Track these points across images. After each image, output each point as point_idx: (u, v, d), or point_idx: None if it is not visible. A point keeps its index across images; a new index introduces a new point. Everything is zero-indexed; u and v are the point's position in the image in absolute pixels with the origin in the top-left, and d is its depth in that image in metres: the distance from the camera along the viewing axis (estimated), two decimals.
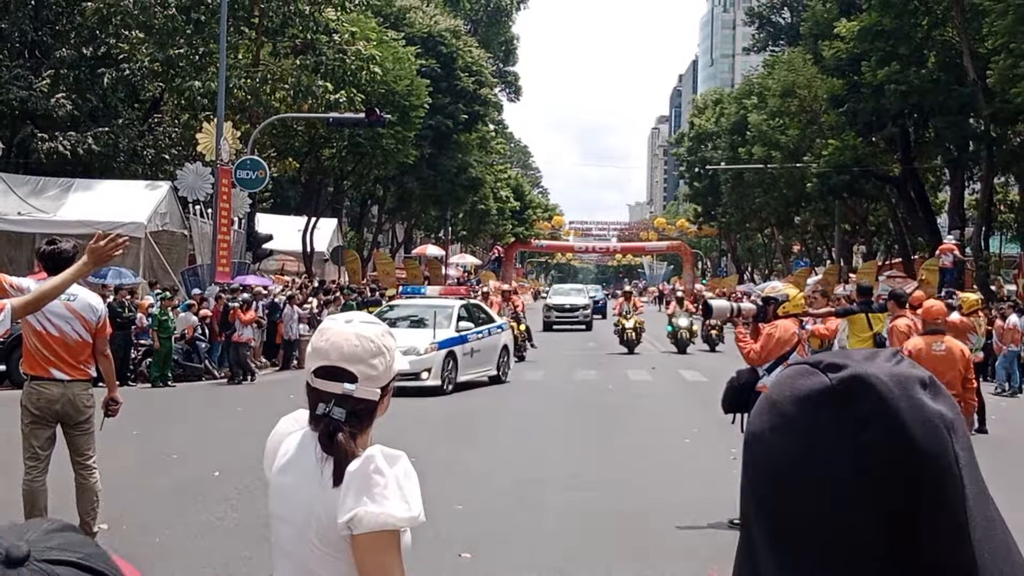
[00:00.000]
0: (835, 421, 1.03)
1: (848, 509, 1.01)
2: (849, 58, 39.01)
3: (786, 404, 1.06)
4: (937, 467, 1.01)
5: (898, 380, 1.03)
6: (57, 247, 7.32)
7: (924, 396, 1.03)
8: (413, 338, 19.47)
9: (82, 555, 1.04)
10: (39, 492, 7.41)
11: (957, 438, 1.03)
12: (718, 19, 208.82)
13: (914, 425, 1.01)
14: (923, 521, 1.01)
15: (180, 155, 33.96)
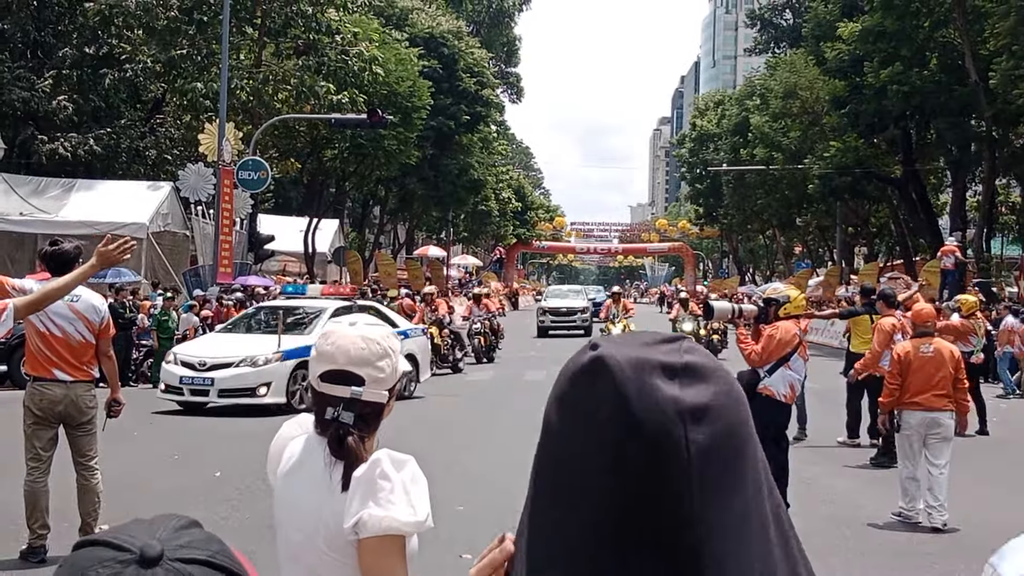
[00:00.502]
0: (584, 398, 1.08)
1: (591, 486, 1.05)
2: (851, 59, 39.03)
3: (561, 380, 1.12)
4: (660, 450, 1.04)
5: (636, 364, 1.07)
6: (59, 248, 7.34)
7: (661, 381, 1.05)
8: (254, 346, 16.87)
9: (210, 552, 1.06)
10: (41, 493, 7.41)
11: (699, 427, 1.04)
12: (720, 20, 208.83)
13: (639, 409, 1.04)
14: (651, 502, 1.04)
15: (182, 156, 34.00)
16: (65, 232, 18.21)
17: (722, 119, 69.29)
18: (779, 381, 9.14)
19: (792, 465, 9.48)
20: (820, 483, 11.26)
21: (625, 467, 1.04)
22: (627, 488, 1.04)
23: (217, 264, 27.04)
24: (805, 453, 12.60)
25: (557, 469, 1.08)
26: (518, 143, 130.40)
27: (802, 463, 10.94)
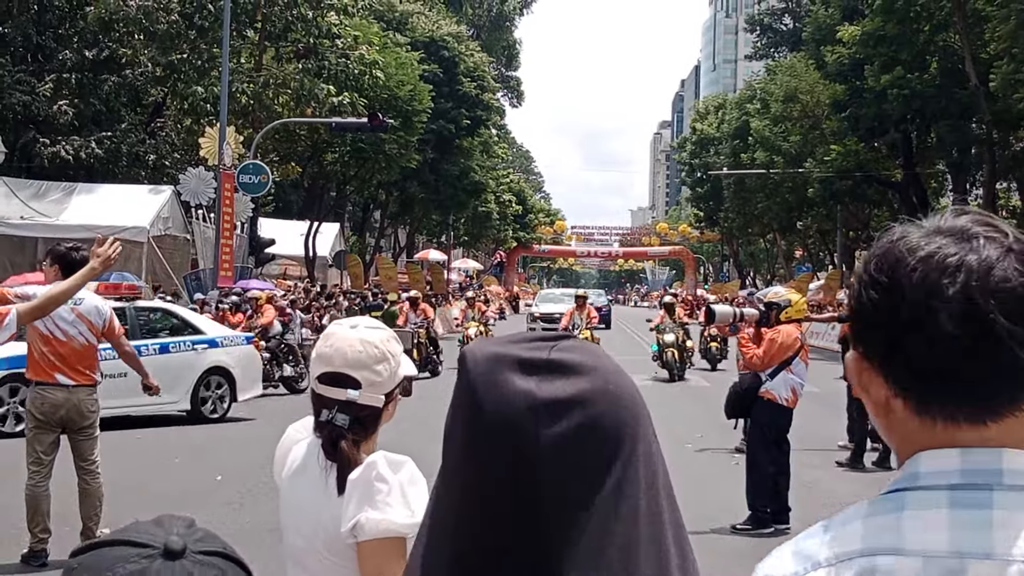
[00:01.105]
0: (454, 391, 1.14)
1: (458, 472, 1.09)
2: (851, 63, 39.07)
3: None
4: (508, 443, 1.06)
5: (491, 359, 1.10)
6: (79, 252, 7.34)
7: (516, 376, 1.07)
8: None
9: (222, 545, 1.11)
10: (42, 497, 7.41)
11: (555, 421, 1.05)
12: (720, 24, 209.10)
13: (486, 401, 1.08)
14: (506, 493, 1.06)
15: (183, 160, 34.01)
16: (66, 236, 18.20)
17: (722, 123, 69.35)
18: (780, 385, 9.17)
19: (793, 468, 9.50)
20: (821, 487, 11.27)
21: (477, 457, 1.07)
22: (482, 478, 1.06)
23: (218, 268, 27.03)
24: (806, 456, 12.60)
25: (443, 452, 1.13)
26: (518, 147, 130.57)
27: (803, 466, 10.95)
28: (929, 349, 1.17)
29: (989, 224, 1.24)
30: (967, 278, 1.17)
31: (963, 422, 1.19)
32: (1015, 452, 1.19)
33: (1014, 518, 1.15)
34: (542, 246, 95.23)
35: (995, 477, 1.18)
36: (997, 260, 1.18)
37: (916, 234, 1.27)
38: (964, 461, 1.19)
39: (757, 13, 72.50)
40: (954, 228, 1.23)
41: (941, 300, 1.17)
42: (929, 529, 1.16)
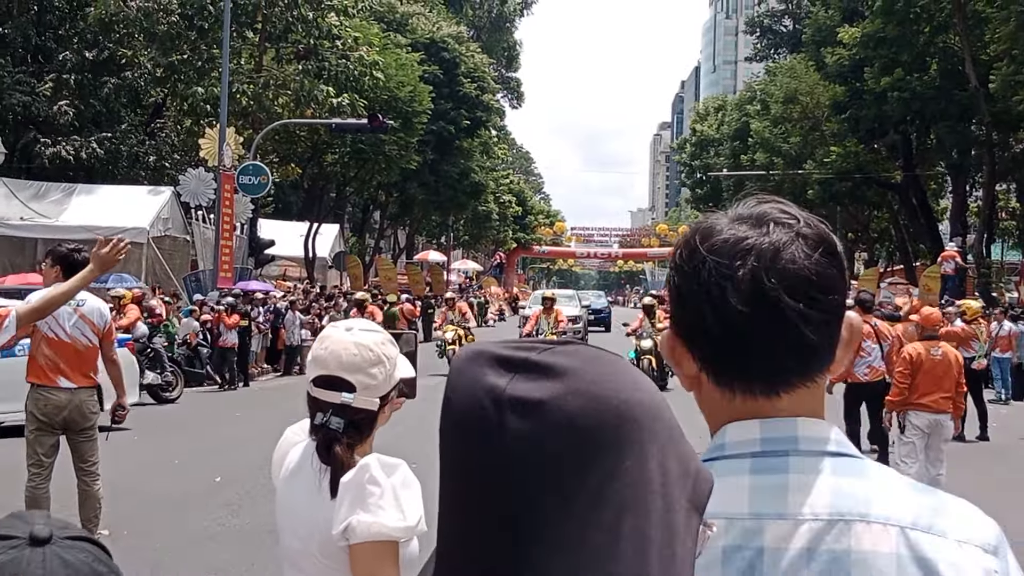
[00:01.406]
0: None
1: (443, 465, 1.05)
2: (851, 65, 39.09)
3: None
4: (471, 434, 1.04)
5: (471, 353, 1.08)
6: (81, 254, 7.31)
7: (490, 371, 1.05)
8: None
9: (87, 532, 1.12)
10: (42, 499, 7.40)
11: (524, 419, 1.03)
12: (720, 26, 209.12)
13: (456, 393, 1.06)
14: (478, 486, 1.03)
15: (183, 160, 34.03)
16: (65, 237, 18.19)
17: (722, 124, 69.36)
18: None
19: None
20: None
21: (449, 449, 1.06)
22: (455, 470, 1.05)
23: (217, 269, 27.05)
24: None
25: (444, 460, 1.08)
26: (518, 148, 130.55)
27: None
28: (723, 327, 1.27)
29: (784, 211, 1.34)
30: (756, 260, 1.27)
31: (759, 394, 1.30)
32: (809, 421, 1.29)
33: (807, 481, 1.26)
34: (542, 247, 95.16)
35: (791, 444, 1.28)
36: (785, 244, 1.28)
37: (720, 221, 1.33)
38: (763, 430, 1.29)
39: (757, 15, 72.50)
40: (752, 215, 1.33)
41: (732, 281, 1.26)
42: (732, 494, 1.26)
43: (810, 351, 1.28)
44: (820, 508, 1.24)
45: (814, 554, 1.23)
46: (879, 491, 1.26)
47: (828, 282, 1.28)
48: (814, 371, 1.30)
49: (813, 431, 1.29)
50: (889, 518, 1.23)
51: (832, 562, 1.22)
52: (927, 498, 1.27)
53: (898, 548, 1.22)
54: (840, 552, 1.22)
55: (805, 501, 1.25)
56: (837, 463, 1.28)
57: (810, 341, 1.27)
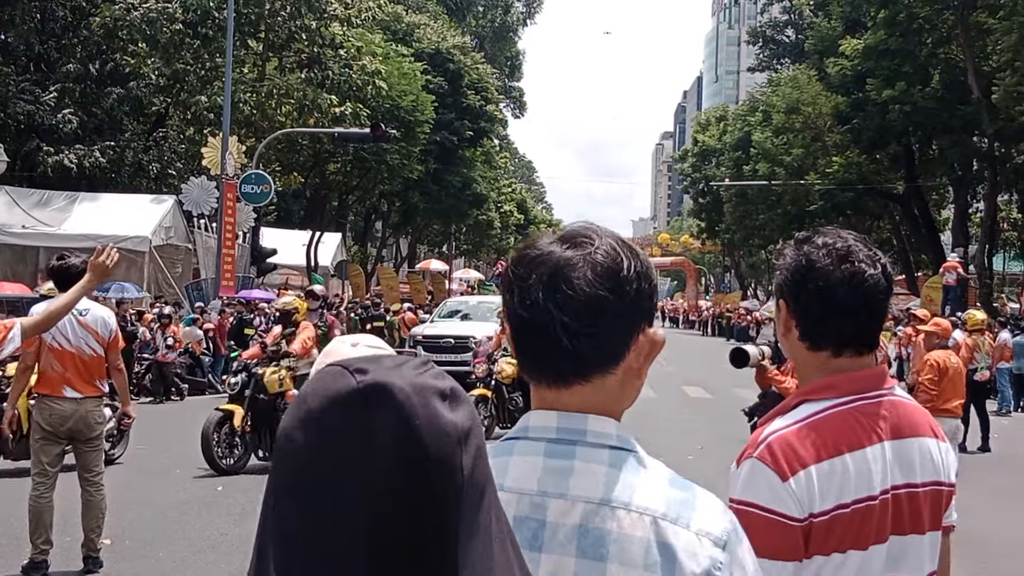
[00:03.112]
0: (358, 422, 1.07)
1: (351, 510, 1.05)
2: (854, 75, 39.09)
3: (315, 400, 1.09)
4: (443, 475, 1.08)
5: (418, 389, 1.09)
6: (66, 263, 7.35)
7: (441, 407, 1.10)
8: None
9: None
10: (46, 508, 7.39)
11: (467, 449, 1.10)
12: (723, 36, 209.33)
13: (427, 435, 1.07)
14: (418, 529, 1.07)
15: (185, 169, 34.05)
16: (68, 245, 18.22)
17: (724, 134, 69.41)
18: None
19: None
20: None
21: (404, 491, 1.06)
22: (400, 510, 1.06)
23: (219, 277, 27.07)
24: None
25: (314, 488, 1.07)
26: (520, 157, 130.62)
27: None
28: (517, 331, 1.53)
29: (588, 232, 1.57)
30: (540, 275, 1.50)
31: (547, 388, 1.54)
32: (599, 418, 1.52)
33: (588, 468, 1.48)
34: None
35: (580, 435, 1.51)
36: (570, 263, 1.50)
37: (543, 240, 1.57)
38: (559, 421, 1.52)
39: (759, 25, 72.52)
40: (567, 234, 1.57)
41: (521, 292, 1.51)
42: (527, 471, 1.50)
43: (577, 358, 1.49)
44: (594, 493, 1.47)
45: (585, 530, 1.46)
46: (643, 483, 1.49)
47: (599, 304, 1.48)
48: (591, 374, 1.51)
49: (600, 427, 1.52)
50: (647, 508, 1.46)
51: (597, 538, 1.45)
52: (681, 492, 1.50)
53: (649, 534, 1.45)
54: (604, 531, 1.45)
55: (583, 485, 1.48)
56: (615, 456, 1.51)
57: (573, 349, 1.48)
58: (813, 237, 2.26)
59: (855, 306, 2.16)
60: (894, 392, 2.21)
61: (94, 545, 7.54)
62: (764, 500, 2.04)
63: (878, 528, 2.08)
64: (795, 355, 2.26)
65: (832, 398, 2.15)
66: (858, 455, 2.09)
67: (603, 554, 1.45)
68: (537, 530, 1.47)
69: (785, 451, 2.07)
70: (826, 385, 2.17)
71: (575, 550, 1.45)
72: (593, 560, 1.45)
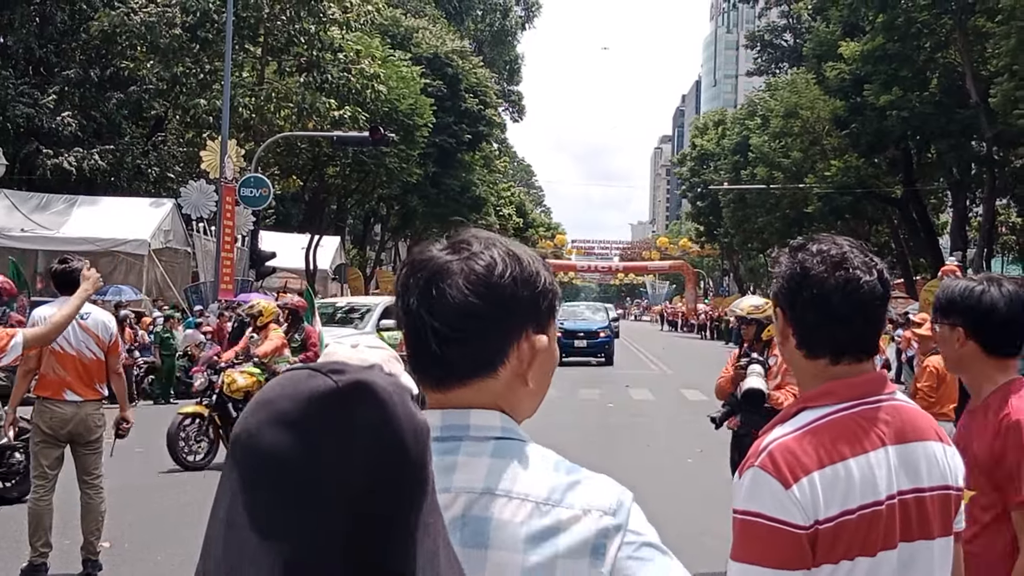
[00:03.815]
0: (338, 421, 1.08)
1: (328, 509, 1.07)
2: (852, 79, 39.12)
3: (285, 402, 1.10)
4: (417, 471, 1.13)
5: (397, 389, 1.14)
6: (68, 267, 7.37)
7: (414, 407, 1.15)
8: None
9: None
10: (45, 511, 7.40)
11: (429, 449, 1.17)
12: (721, 40, 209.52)
13: (408, 432, 1.11)
14: (388, 524, 1.10)
15: (184, 173, 34.05)
16: (67, 248, 18.22)
17: (723, 138, 69.45)
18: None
19: None
20: None
21: (383, 490, 1.09)
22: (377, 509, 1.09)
23: (218, 281, 27.06)
24: None
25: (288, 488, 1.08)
26: (519, 160, 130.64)
27: None
28: (405, 334, 1.57)
29: (472, 239, 1.59)
30: (417, 279, 1.54)
31: (430, 388, 1.57)
32: (482, 412, 1.54)
33: (471, 462, 1.51)
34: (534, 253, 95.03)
35: (464, 431, 1.53)
36: (445, 268, 1.53)
37: (434, 245, 1.60)
38: (443, 419, 1.54)
39: (757, 29, 72.59)
40: (451, 240, 1.60)
41: (401, 296, 1.56)
42: None
43: (448, 364, 1.52)
44: (475, 483, 1.49)
45: (465, 520, 1.48)
46: (526, 471, 1.50)
47: (468, 310, 1.50)
48: (467, 378, 1.54)
49: (483, 420, 1.54)
50: (528, 494, 1.48)
51: (477, 527, 1.47)
52: (566, 476, 1.52)
53: (530, 518, 1.46)
54: (484, 519, 1.47)
55: (465, 477, 1.50)
56: (500, 446, 1.52)
57: (441, 354, 1.52)
58: (808, 244, 2.27)
59: (850, 313, 2.16)
60: (895, 397, 2.22)
61: (93, 548, 7.55)
62: (768, 509, 2.04)
63: (886, 534, 2.08)
64: (794, 363, 2.27)
65: (832, 404, 2.15)
66: (861, 460, 2.09)
67: (483, 542, 1.46)
68: None
69: (787, 458, 2.07)
70: (826, 391, 2.17)
71: (457, 541, 1.44)
72: (474, 548, 1.46)
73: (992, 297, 3.05)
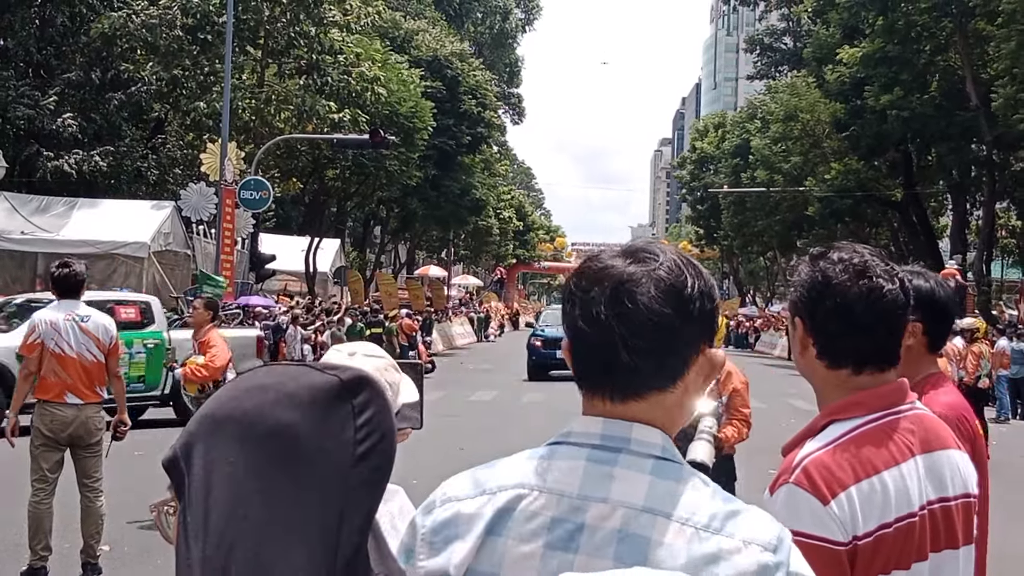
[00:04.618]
0: (343, 406, 1.24)
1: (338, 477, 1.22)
2: (852, 82, 39.13)
3: (291, 385, 1.25)
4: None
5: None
6: (71, 270, 7.37)
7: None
8: None
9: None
10: (45, 514, 7.39)
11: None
12: (721, 43, 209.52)
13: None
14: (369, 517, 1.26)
15: (184, 175, 34.04)
16: (67, 251, 18.23)
17: (723, 141, 69.47)
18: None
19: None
20: None
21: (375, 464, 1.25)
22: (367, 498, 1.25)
23: None
24: None
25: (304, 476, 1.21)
26: (519, 163, 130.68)
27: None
28: (575, 343, 1.55)
29: (652, 248, 1.57)
30: (603, 288, 1.50)
31: (601, 399, 1.54)
32: (643, 427, 1.51)
33: (629, 475, 1.48)
34: (542, 263, 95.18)
35: (624, 443, 1.50)
36: (633, 278, 1.50)
37: (605, 254, 1.58)
38: (604, 428, 1.52)
39: (757, 33, 72.60)
40: (630, 249, 1.57)
41: (583, 305, 1.52)
42: (568, 474, 1.50)
43: (635, 374, 1.50)
44: (635, 500, 1.47)
45: (624, 535, 1.45)
46: (687, 495, 1.48)
47: (661, 321, 1.48)
48: (647, 391, 1.52)
49: (645, 436, 1.51)
50: (688, 519, 1.45)
51: (636, 545, 1.44)
52: (727, 506, 1.49)
53: (690, 543, 1.44)
54: (644, 538, 1.45)
55: (624, 491, 1.47)
56: (660, 465, 1.50)
57: (632, 364, 1.48)
58: (828, 252, 2.23)
59: (873, 322, 2.13)
60: (916, 405, 2.20)
61: (93, 552, 7.54)
62: (807, 527, 2.00)
63: (919, 546, 2.07)
64: (814, 374, 2.23)
65: (860, 416, 2.13)
66: (895, 472, 2.07)
67: (640, 561, 1.43)
68: (574, 532, 1.47)
69: (823, 474, 2.04)
70: (853, 403, 2.14)
71: (612, 554, 1.45)
72: (630, 566, 1.42)
73: (945, 293, 3.06)
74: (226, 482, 1.20)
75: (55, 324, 7.47)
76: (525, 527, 1.48)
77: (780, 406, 21.08)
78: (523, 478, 1.52)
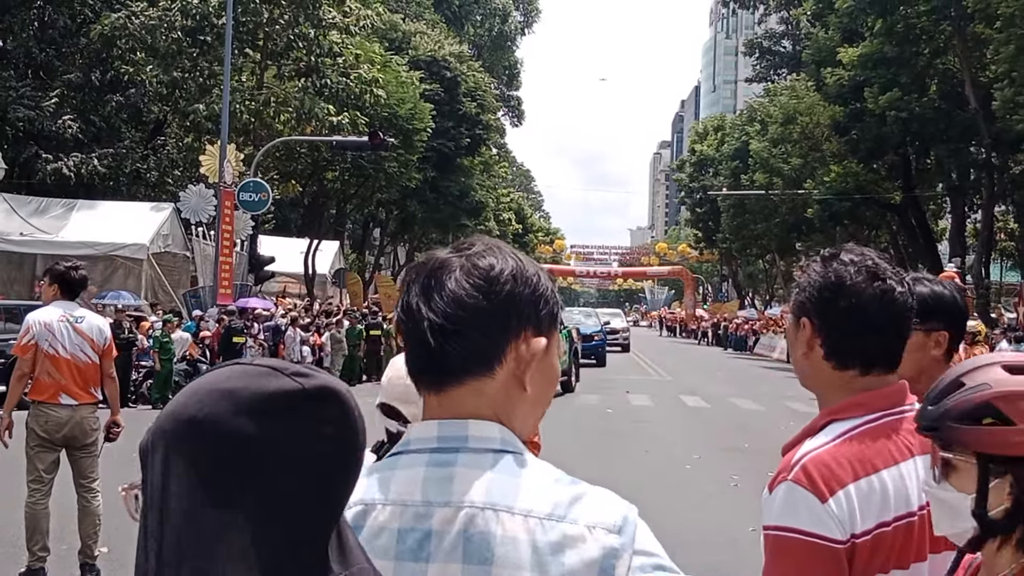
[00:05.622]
0: (306, 416, 1.21)
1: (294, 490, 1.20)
2: (851, 85, 39.14)
3: (252, 396, 1.21)
4: (358, 458, 1.27)
5: (350, 392, 1.26)
6: (82, 273, 7.39)
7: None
8: None
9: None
10: (42, 515, 7.38)
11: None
12: (720, 45, 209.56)
13: (358, 426, 1.26)
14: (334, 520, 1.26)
15: (183, 177, 34.06)
16: (66, 253, 18.21)
17: (722, 144, 69.50)
18: None
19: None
20: None
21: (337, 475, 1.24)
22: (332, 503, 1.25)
23: (217, 285, 27.04)
24: None
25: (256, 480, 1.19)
26: (519, 166, 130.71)
27: None
28: (404, 338, 1.56)
29: (475, 241, 1.60)
30: (418, 277, 1.54)
31: (428, 395, 1.55)
32: (479, 423, 1.51)
33: (470, 474, 1.48)
34: (541, 265, 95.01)
35: (462, 442, 1.50)
36: (445, 264, 1.53)
37: (440, 250, 1.60)
38: (440, 430, 1.52)
39: (756, 36, 72.62)
40: (457, 243, 1.61)
41: (403, 296, 1.56)
42: (409, 483, 1.50)
43: (444, 356, 1.50)
44: (477, 497, 1.46)
45: (469, 536, 1.45)
46: (528, 485, 1.48)
47: (464, 301, 1.49)
48: (463, 376, 1.51)
49: (481, 431, 1.51)
50: (531, 510, 1.46)
51: (481, 543, 1.44)
52: (570, 489, 1.49)
53: (534, 534, 1.44)
54: (488, 535, 1.44)
55: (466, 491, 1.47)
56: (498, 459, 1.50)
57: (441, 348, 1.49)
58: (839, 254, 2.25)
59: (885, 324, 2.16)
60: (916, 407, 2.21)
61: (91, 552, 7.53)
62: (805, 524, 2.00)
63: (918, 546, 2.07)
64: (818, 375, 2.23)
65: (860, 416, 2.14)
66: (894, 471, 2.07)
67: (488, 558, 1.44)
68: (423, 540, 1.47)
69: (822, 472, 2.04)
70: (855, 403, 2.16)
71: (461, 556, 1.44)
72: (479, 565, 1.44)
73: (962, 300, 3.00)
74: (182, 491, 1.18)
75: (49, 325, 7.46)
76: (375, 543, 1.46)
77: (779, 408, 21.11)
78: (364, 494, 1.50)
